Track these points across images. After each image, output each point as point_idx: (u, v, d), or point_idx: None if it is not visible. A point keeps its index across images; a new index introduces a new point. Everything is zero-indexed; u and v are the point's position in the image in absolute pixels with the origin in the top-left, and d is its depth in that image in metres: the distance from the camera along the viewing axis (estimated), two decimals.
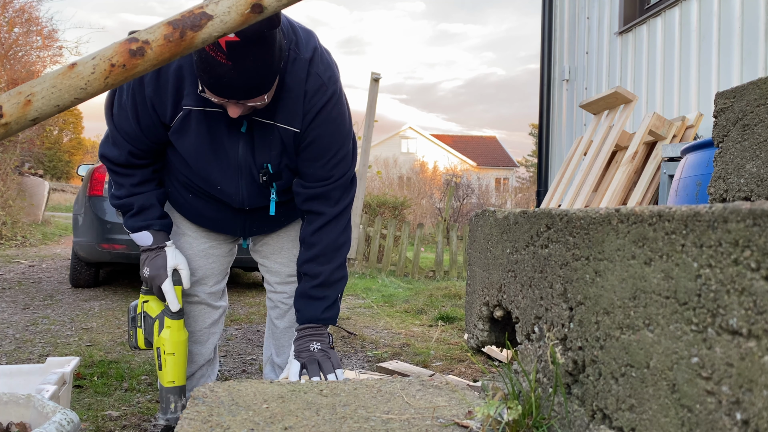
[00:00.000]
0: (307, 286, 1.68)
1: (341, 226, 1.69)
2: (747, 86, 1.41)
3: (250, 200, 1.69)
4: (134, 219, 1.65)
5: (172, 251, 1.66)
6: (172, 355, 1.67)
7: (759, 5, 3.36)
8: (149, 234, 1.65)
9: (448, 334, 3.44)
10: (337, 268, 1.69)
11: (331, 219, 1.67)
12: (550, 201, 4.37)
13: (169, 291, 1.63)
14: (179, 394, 1.68)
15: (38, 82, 0.93)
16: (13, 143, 9.38)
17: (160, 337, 1.67)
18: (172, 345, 1.67)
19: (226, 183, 1.64)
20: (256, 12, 0.96)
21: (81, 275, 4.76)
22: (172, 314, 1.67)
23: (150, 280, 1.64)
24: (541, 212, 0.92)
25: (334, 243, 1.68)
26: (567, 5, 5.83)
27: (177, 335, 1.68)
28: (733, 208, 0.56)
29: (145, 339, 1.71)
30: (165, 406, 1.68)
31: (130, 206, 1.66)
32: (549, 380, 0.89)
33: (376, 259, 7.41)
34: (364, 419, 0.94)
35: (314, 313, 1.66)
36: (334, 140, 1.62)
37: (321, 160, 1.62)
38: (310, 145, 1.60)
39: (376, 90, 7.07)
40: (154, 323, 1.70)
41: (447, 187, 16.08)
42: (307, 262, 1.68)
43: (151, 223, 1.66)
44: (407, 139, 38.18)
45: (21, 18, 13.22)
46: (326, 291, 1.68)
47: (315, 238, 1.67)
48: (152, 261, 1.65)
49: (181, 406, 1.68)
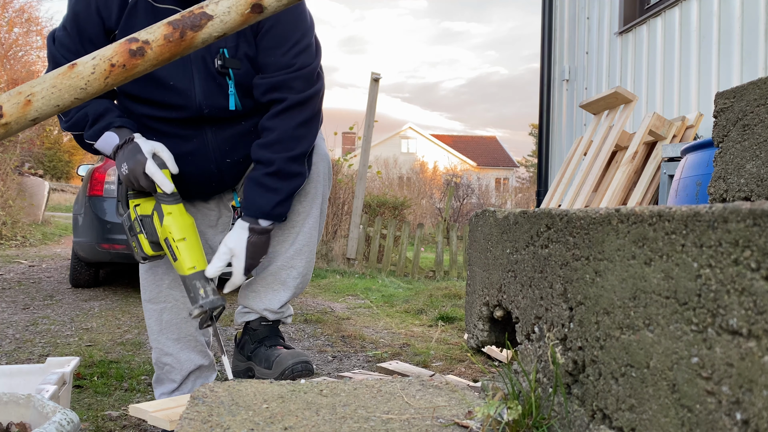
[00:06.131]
0: (260, 173, 1.57)
1: (303, 116, 1.58)
2: (747, 86, 1.41)
3: (206, 98, 1.56)
4: (93, 127, 1.53)
5: (143, 140, 1.52)
6: (183, 240, 1.52)
7: (759, 5, 3.37)
8: (112, 133, 1.52)
9: (448, 334, 3.44)
10: (293, 159, 1.58)
11: (292, 104, 1.56)
12: (550, 201, 4.37)
13: (155, 172, 1.48)
14: (205, 278, 1.52)
15: (38, 82, 0.93)
16: (13, 143, 9.38)
17: (164, 227, 1.52)
18: (180, 229, 1.52)
19: (178, 77, 1.53)
20: (256, 12, 0.96)
21: (81, 275, 4.76)
22: (167, 198, 1.52)
23: (131, 172, 1.48)
24: (541, 212, 0.92)
25: (293, 132, 1.57)
26: (567, 5, 5.83)
27: (181, 219, 1.53)
28: (733, 208, 0.56)
29: (150, 242, 1.57)
30: (194, 295, 1.52)
31: (84, 118, 1.53)
32: (549, 380, 0.89)
33: (376, 259, 7.41)
34: (364, 419, 0.94)
35: (265, 206, 1.56)
36: (296, 27, 1.55)
37: (282, 47, 1.54)
38: (270, 31, 1.53)
39: (376, 90, 7.07)
40: (152, 218, 1.55)
41: (447, 187, 16.08)
42: (262, 148, 1.58)
43: (111, 121, 1.53)
44: (407, 139, 38.19)
45: (21, 18, 13.22)
46: (280, 183, 1.58)
47: (272, 122, 1.57)
48: (126, 154, 1.49)
49: (211, 290, 1.52)
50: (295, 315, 3.87)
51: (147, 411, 1.36)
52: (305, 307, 4.33)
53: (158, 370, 1.85)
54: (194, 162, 1.64)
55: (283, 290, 1.74)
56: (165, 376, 1.84)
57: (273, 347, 1.73)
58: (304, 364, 1.65)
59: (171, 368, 1.82)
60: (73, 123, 1.56)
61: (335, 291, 5.35)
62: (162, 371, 1.83)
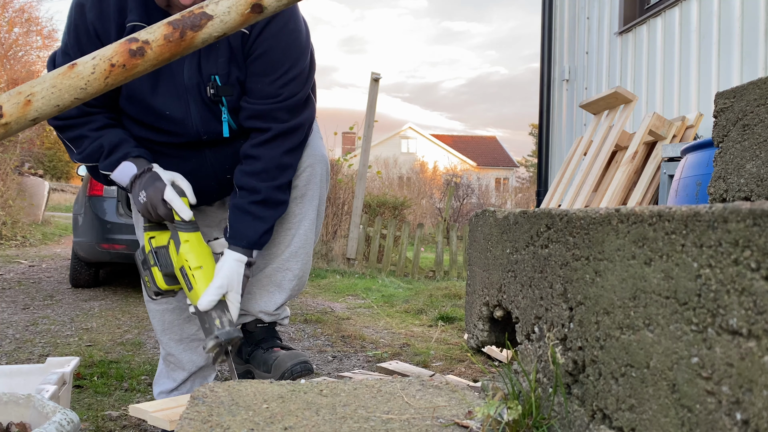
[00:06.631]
0: (245, 201, 1.55)
1: (288, 145, 1.57)
2: (747, 86, 1.41)
3: (204, 125, 1.55)
4: (109, 158, 1.52)
5: (161, 169, 1.51)
6: (200, 269, 1.48)
7: (759, 5, 3.37)
8: (129, 163, 1.51)
9: (448, 334, 3.44)
10: (279, 188, 1.57)
11: (277, 134, 1.55)
12: (550, 201, 4.37)
13: (174, 198, 1.46)
14: (221, 308, 1.47)
15: (38, 82, 0.93)
16: (13, 143, 9.38)
17: (180, 255, 1.49)
18: (196, 257, 1.48)
19: (174, 107, 1.52)
20: (256, 12, 0.96)
21: (81, 275, 4.76)
22: (185, 226, 1.49)
23: (150, 199, 1.47)
24: (541, 212, 0.92)
25: (279, 161, 1.56)
26: (567, 5, 5.83)
27: (198, 247, 1.49)
28: (733, 208, 0.56)
29: (164, 276, 1.53)
30: (209, 326, 1.46)
31: (99, 149, 1.52)
32: (549, 380, 0.89)
33: (376, 259, 7.41)
34: (364, 419, 0.94)
35: (252, 235, 1.55)
36: (287, 55, 1.51)
37: (270, 76, 1.51)
38: (260, 58, 1.50)
39: (376, 90, 7.07)
40: (168, 248, 1.52)
41: (447, 187, 16.08)
42: (247, 176, 1.56)
43: (128, 151, 1.52)
44: (407, 139, 38.19)
45: (21, 18, 13.23)
46: (267, 211, 1.56)
47: (257, 151, 1.55)
48: (145, 182, 1.48)
49: (227, 321, 1.47)
50: (294, 315, 3.86)
51: (147, 411, 1.36)
52: (305, 307, 4.33)
53: (165, 366, 1.87)
54: (194, 179, 1.63)
55: (279, 292, 1.74)
56: (167, 374, 1.86)
57: (270, 350, 1.73)
58: (303, 365, 1.65)
59: (174, 367, 1.84)
60: (87, 155, 1.54)
61: (335, 291, 5.35)
62: (168, 368, 1.86)
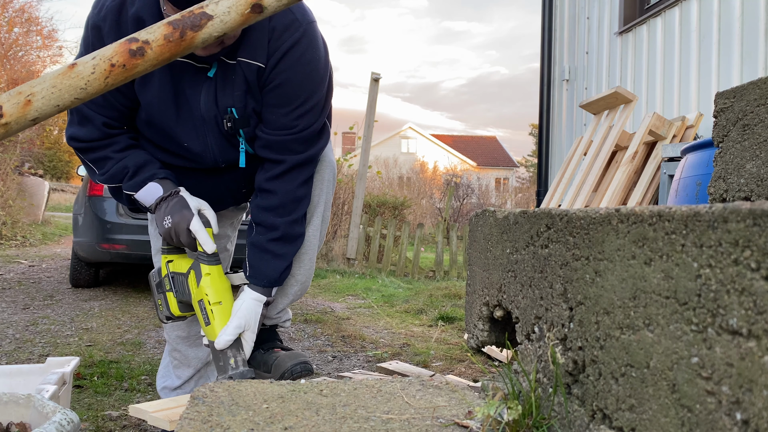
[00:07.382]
0: (264, 239, 1.55)
1: (303, 177, 1.57)
2: (747, 86, 1.41)
3: (222, 154, 1.56)
4: (134, 178, 1.51)
5: (188, 195, 1.50)
6: (219, 305, 1.46)
7: (759, 5, 3.37)
8: (156, 184, 1.49)
9: (448, 334, 3.44)
10: (296, 222, 1.57)
11: (292, 166, 1.54)
12: (550, 201, 4.37)
13: (199, 230, 1.45)
14: (237, 347, 1.46)
15: (38, 82, 0.93)
16: (13, 143, 9.38)
17: (200, 288, 1.47)
18: (216, 292, 1.46)
19: (192, 140, 1.52)
20: (256, 12, 0.96)
21: (81, 275, 4.76)
22: (208, 259, 1.46)
23: (175, 225, 1.45)
24: (541, 212, 0.92)
25: (294, 194, 1.55)
26: (567, 5, 5.83)
27: (219, 281, 1.47)
28: (733, 208, 0.56)
29: (178, 302, 1.52)
30: (223, 364, 1.45)
31: (124, 169, 1.51)
32: (549, 380, 0.89)
33: (376, 259, 7.41)
34: (364, 419, 0.94)
35: (273, 273, 1.55)
36: (303, 87, 1.49)
37: (285, 108, 1.50)
38: (276, 90, 1.48)
39: (376, 90, 7.07)
40: (187, 277, 1.50)
41: (447, 187, 16.09)
42: (264, 211, 1.55)
43: (155, 173, 1.51)
44: (407, 139, 38.18)
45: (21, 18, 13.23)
46: (286, 247, 1.56)
47: (272, 185, 1.54)
48: (172, 206, 1.47)
49: (241, 360, 1.47)
50: (295, 315, 3.87)
51: (147, 411, 1.36)
52: (305, 307, 4.33)
53: (171, 360, 1.88)
54: (211, 195, 1.63)
55: (281, 297, 1.74)
56: (172, 371, 1.88)
57: (270, 350, 1.73)
58: (303, 365, 1.65)
59: (179, 363, 1.85)
60: (110, 175, 1.53)
61: (335, 291, 5.35)
62: (173, 363, 1.87)
